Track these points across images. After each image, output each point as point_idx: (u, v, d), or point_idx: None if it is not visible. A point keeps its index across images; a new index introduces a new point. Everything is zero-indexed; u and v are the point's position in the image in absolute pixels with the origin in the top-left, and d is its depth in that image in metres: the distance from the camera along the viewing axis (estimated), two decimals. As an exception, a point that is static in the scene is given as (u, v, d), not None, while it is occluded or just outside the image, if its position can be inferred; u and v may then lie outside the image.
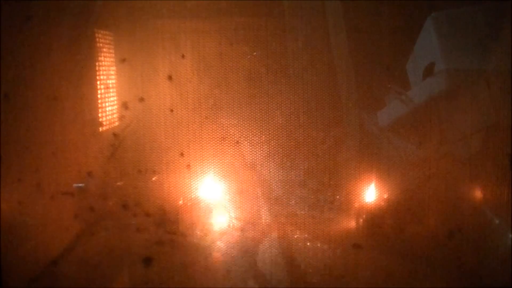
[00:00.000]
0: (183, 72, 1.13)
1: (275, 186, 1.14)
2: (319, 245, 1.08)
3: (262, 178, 1.13)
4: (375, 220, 1.11)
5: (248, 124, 1.10)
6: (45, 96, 1.04)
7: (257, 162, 1.12)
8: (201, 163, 1.11)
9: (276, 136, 1.10)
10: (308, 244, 1.08)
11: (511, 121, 0.97)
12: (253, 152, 1.11)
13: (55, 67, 1.06)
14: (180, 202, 1.13)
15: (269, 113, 1.10)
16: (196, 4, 1.13)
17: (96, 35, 1.15)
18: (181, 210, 1.12)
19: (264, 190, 1.14)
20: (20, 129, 0.97)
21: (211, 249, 1.10)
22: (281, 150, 1.11)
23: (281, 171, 1.13)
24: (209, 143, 1.12)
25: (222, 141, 1.12)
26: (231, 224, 1.16)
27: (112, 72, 1.20)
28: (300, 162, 1.11)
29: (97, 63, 1.16)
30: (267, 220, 1.15)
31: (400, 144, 1.16)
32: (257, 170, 1.13)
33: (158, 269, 1.00)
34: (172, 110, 1.11)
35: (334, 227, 1.14)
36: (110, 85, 1.20)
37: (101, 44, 1.17)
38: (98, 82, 1.16)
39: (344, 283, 0.99)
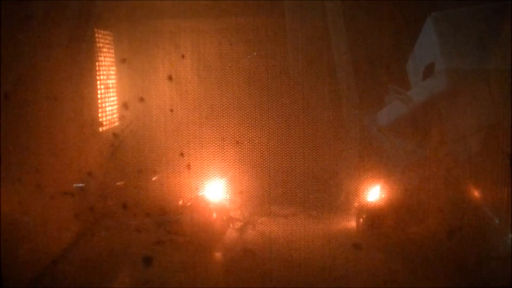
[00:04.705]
0: (183, 72, 1.13)
1: (275, 186, 1.14)
2: (319, 245, 1.08)
3: (262, 178, 1.13)
4: (375, 220, 1.11)
5: (248, 124, 1.10)
6: (45, 96, 1.03)
7: (257, 162, 1.12)
8: (201, 163, 1.11)
9: (276, 136, 1.10)
10: (308, 244, 1.07)
11: (511, 121, 0.97)
12: (253, 152, 1.11)
13: (55, 67, 1.06)
14: (180, 202, 1.13)
15: (269, 113, 1.10)
16: (196, 4, 1.13)
17: (96, 35, 1.15)
18: (181, 210, 1.12)
19: (264, 190, 1.14)
20: (20, 129, 0.97)
21: (211, 249, 1.10)
22: (281, 150, 1.11)
23: (281, 171, 1.13)
24: (209, 143, 1.12)
25: (222, 141, 1.11)
26: (231, 224, 1.16)
27: (112, 72, 1.20)
28: (300, 162, 1.11)
29: (97, 63, 1.16)
30: (267, 220, 1.15)
31: (400, 144, 1.16)
32: (257, 170, 1.13)
33: (158, 269, 1.00)
34: (172, 110, 1.11)
35: (334, 227, 1.14)
36: (110, 85, 1.20)
37: (101, 44, 1.17)
38: (98, 82, 1.16)
39: (344, 283, 0.99)
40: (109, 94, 1.20)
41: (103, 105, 1.18)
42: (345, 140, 1.15)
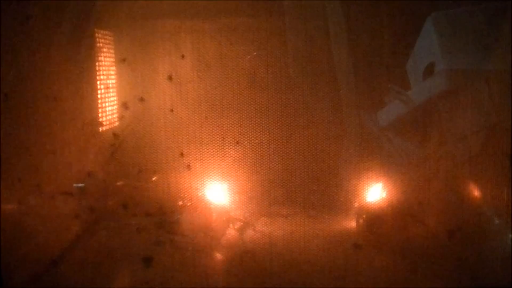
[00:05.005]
0: (183, 72, 1.13)
1: (275, 186, 1.14)
2: (319, 245, 1.08)
3: (262, 178, 1.13)
4: (375, 220, 1.11)
5: (248, 124, 1.10)
6: (45, 96, 1.03)
7: (257, 162, 1.12)
8: (201, 163, 1.11)
9: (276, 136, 1.10)
10: (308, 244, 1.07)
11: (511, 121, 0.97)
12: (253, 152, 1.11)
13: (55, 67, 1.06)
14: (180, 202, 1.13)
15: (269, 113, 1.10)
16: (196, 4, 1.13)
17: (96, 35, 1.15)
18: (181, 210, 1.12)
19: (264, 190, 1.14)
20: (20, 129, 0.97)
21: (211, 249, 1.10)
22: (281, 150, 1.11)
23: (281, 171, 1.13)
24: (209, 143, 1.12)
25: (222, 141, 1.12)
26: (231, 224, 1.16)
27: (112, 72, 1.20)
28: (300, 162, 1.11)
29: (97, 63, 1.16)
30: (267, 220, 1.15)
31: (400, 144, 1.16)
32: (257, 170, 1.13)
33: (158, 269, 1.00)
34: (172, 110, 1.11)
35: (334, 227, 1.14)
36: (110, 85, 1.20)
37: (101, 44, 1.17)
38: (98, 82, 1.16)
39: (344, 283, 0.99)
40: (109, 94, 1.20)
41: (103, 105, 1.18)
42: (345, 140, 1.15)
